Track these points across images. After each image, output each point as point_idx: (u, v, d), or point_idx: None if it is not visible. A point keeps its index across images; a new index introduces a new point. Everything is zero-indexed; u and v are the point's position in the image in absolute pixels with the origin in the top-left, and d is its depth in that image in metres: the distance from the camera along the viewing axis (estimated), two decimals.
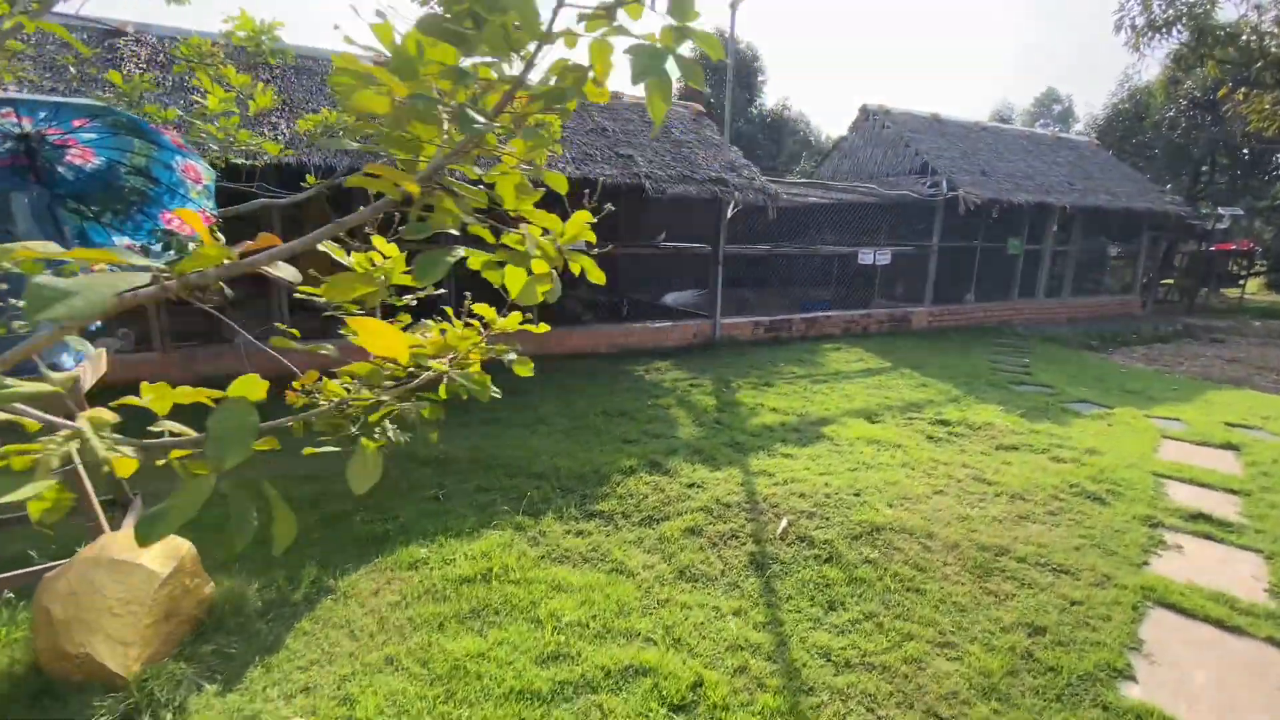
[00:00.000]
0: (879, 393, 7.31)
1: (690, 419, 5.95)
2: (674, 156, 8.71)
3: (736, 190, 8.57)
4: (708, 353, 9.20)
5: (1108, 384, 8.40)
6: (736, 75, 22.43)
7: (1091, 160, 15.27)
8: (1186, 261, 18.34)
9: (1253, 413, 7.25)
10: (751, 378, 7.75)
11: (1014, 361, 9.60)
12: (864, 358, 9.35)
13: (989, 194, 11.48)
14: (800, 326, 10.72)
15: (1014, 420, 6.36)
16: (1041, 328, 13.03)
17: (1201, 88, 18.16)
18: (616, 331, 8.75)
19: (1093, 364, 9.94)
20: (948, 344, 10.90)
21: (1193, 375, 10.01)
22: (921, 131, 12.98)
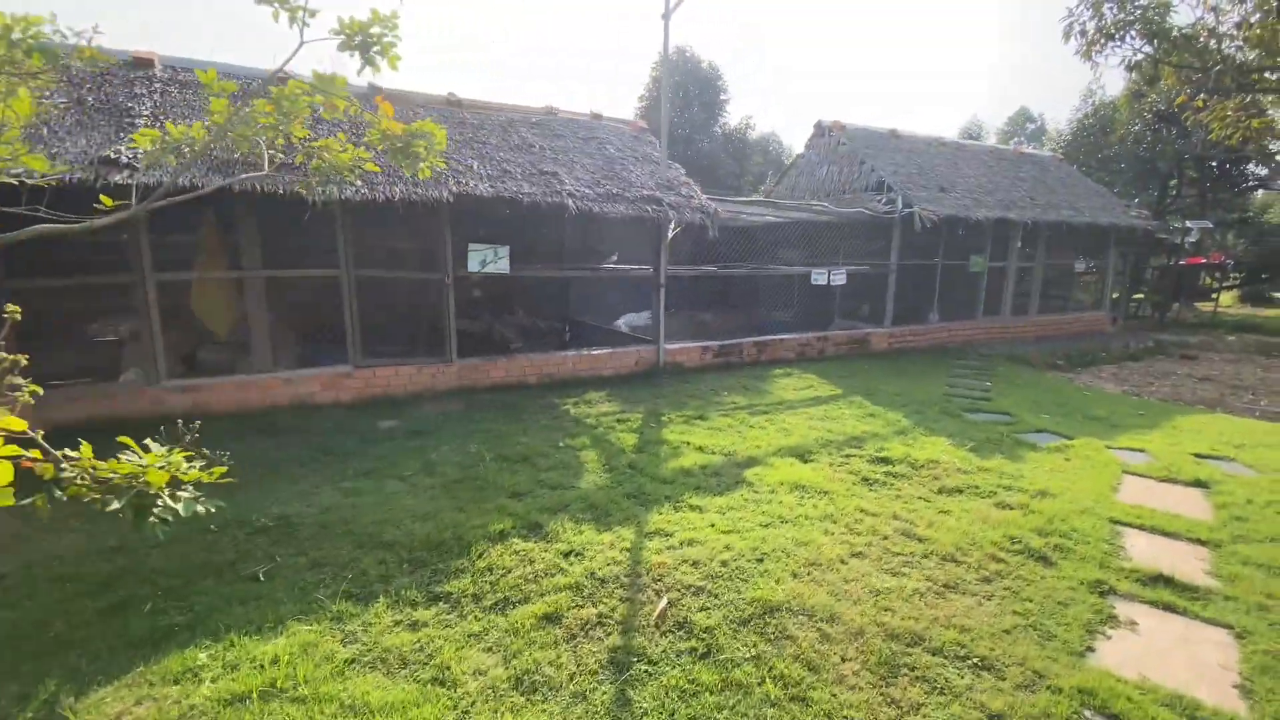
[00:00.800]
0: (821, 425, 6.71)
1: (601, 463, 5.30)
2: (605, 174, 8.16)
3: (673, 209, 8.03)
4: (649, 381, 8.59)
5: (1070, 409, 7.87)
6: (700, 94, 22.20)
7: (1055, 175, 14.98)
8: (1157, 276, 18.08)
9: (1224, 440, 6.73)
10: (687, 409, 7.13)
11: (973, 385, 9.07)
12: (814, 384, 8.77)
13: (946, 210, 11.05)
14: (751, 351, 10.15)
15: (962, 456, 5.77)
16: (1008, 347, 12.56)
17: (1165, 101, 18.06)
18: (548, 361, 8.11)
19: (1057, 387, 9.43)
20: (907, 367, 10.37)
21: (1162, 398, 9.52)
22: (878, 148, 12.59)
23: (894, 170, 11.92)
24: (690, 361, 9.44)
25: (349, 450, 5.55)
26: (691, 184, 8.94)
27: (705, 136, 21.73)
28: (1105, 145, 20.33)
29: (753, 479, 5.00)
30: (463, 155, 7.48)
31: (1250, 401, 9.49)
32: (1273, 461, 6.02)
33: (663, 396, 7.79)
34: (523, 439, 5.85)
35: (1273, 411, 8.85)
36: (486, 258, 7.55)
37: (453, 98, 8.72)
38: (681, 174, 9.14)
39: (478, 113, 8.68)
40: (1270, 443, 6.70)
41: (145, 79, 6.75)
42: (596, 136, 9.12)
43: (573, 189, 7.48)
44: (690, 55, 21.61)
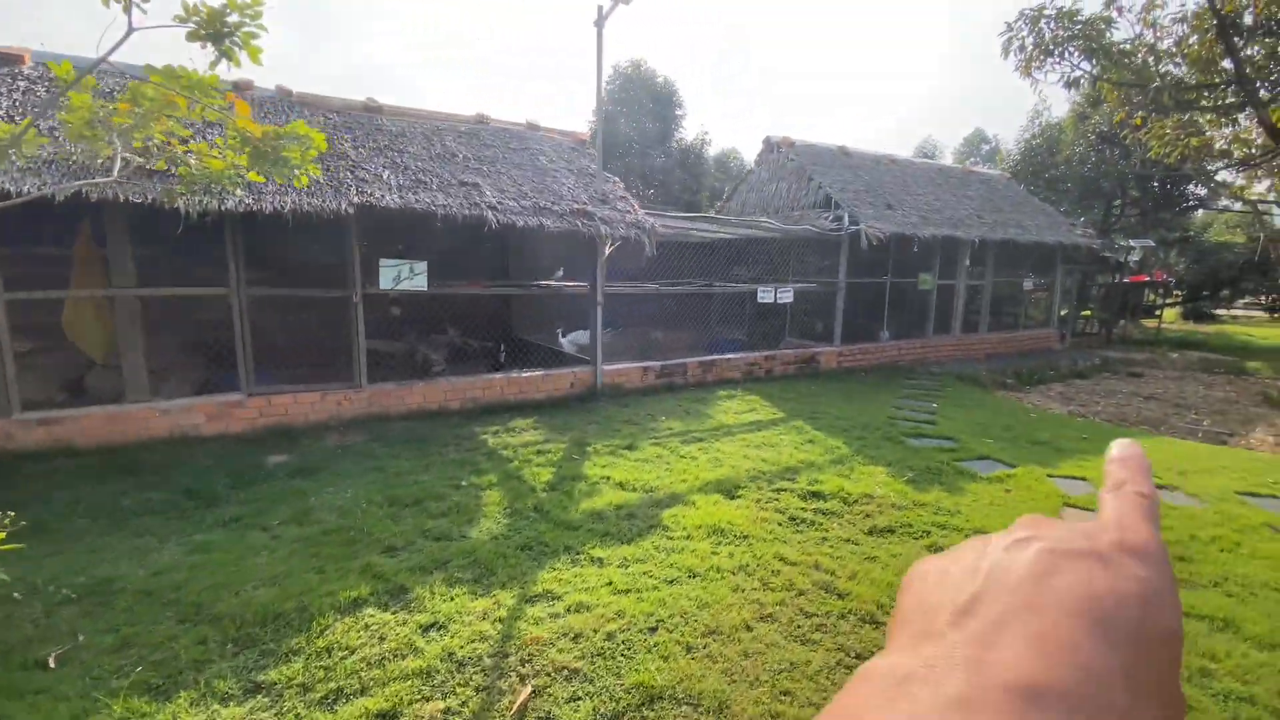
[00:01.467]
0: (756, 454, 6.30)
1: (503, 506, 4.77)
2: (534, 186, 7.70)
3: (605, 224, 7.60)
4: (584, 405, 8.10)
5: (1015, 433, 7.63)
6: (654, 109, 21.99)
7: (1003, 194, 15.07)
8: (1103, 293, 18.37)
9: (1168, 467, 6.52)
10: (618, 437, 6.66)
11: (920, 407, 8.80)
12: (757, 407, 8.40)
13: (893, 228, 10.88)
14: (696, 371, 9.75)
15: (900, 489, 5.41)
16: (958, 365, 12.44)
17: (1108, 122, 18.48)
18: (472, 384, 7.56)
19: (1004, 408, 9.23)
20: (855, 387, 10.09)
21: (1107, 418, 9.41)
22: (826, 164, 12.42)
23: (841, 187, 11.75)
24: (631, 383, 8.98)
25: (217, 494, 4.91)
26: (629, 199, 8.54)
27: (660, 151, 21.49)
28: (1052, 165, 20.73)
29: (669, 522, 4.54)
30: (374, 164, 6.93)
31: (1193, 421, 9.44)
32: (1215, 489, 5.81)
33: (595, 422, 7.31)
34: (423, 477, 5.29)
35: (1215, 433, 8.78)
36: (401, 274, 7.00)
37: (372, 103, 8.18)
38: (619, 188, 8.74)
39: (399, 119, 8.15)
40: (1212, 468, 6.53)
41: (8, 76, 6.07)
42: (529, 147, 8.68)
43: (495, 201, 6.99)
44: (646, 68, 21.41)
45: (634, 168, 22.26)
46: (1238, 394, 11.50)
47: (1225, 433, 8.79)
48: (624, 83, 21.14)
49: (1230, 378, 13.34)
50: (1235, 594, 3.74)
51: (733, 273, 13.93)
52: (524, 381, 7.92)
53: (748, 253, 12.56)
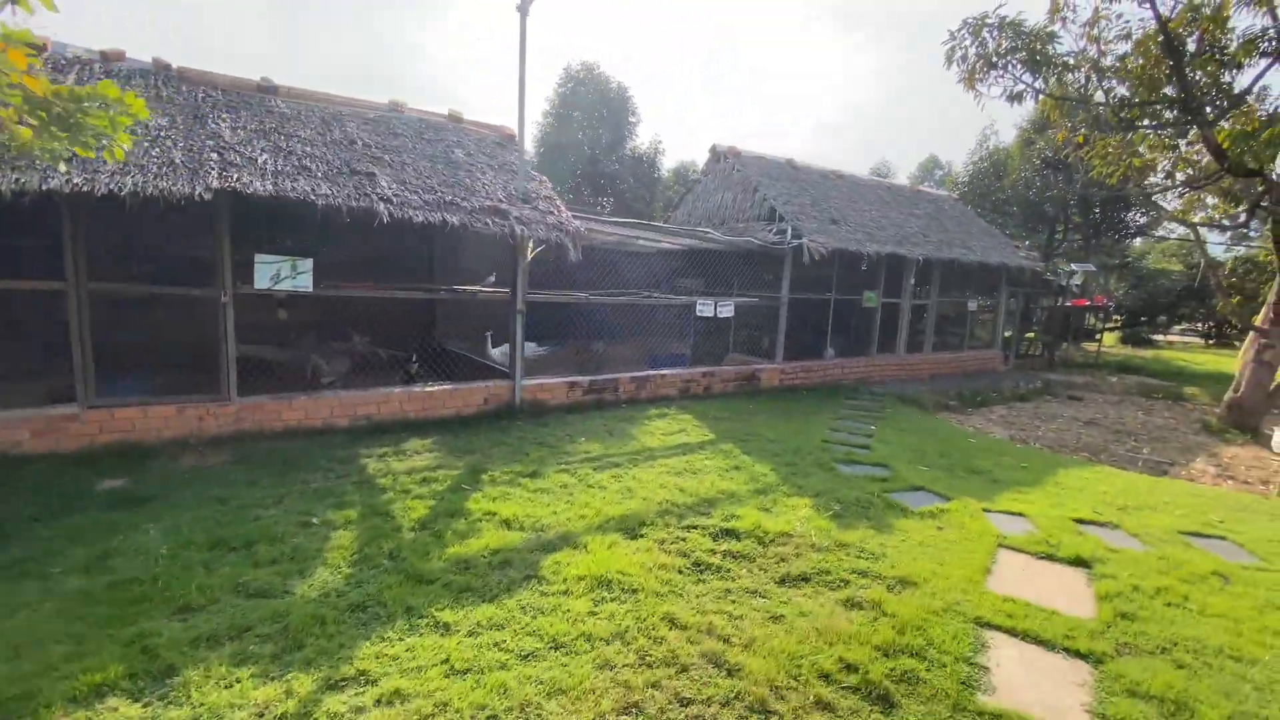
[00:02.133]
0: (675, 482, 5.68)
1: (353, 550, 4.01)
2: (442, 180, 6.99)
3: (522, 224, 6.93)
4: (497, 424, 7.37)
5: (953, 460, 7.21)
6: (607, 116, 21.48)
7: (950, 214, 14.99)
8: (1046, 316, 18.53)
9: (1108, 502, 6.16)
10: (522, 462, 5.95)
11: (857, 430, 8.35)
12: (688, 428, 7.80)
13: (836, 243, 10.51)
14: (629, 387, 9.12)
15: (823, 525, 4.85)
16: (901, 385, 12.13)
17: (1053, 147, 18.78)
18: (366, 400, 6.75)
19: (943, 432, 8.86)
20: (794, 407, 9.61)
21: (1047, 444, 9.13)
22: (772, 176, 12.03)
23: (787, 200, 11.35)
24: (555, 399, 8.29)
25: (8, 531, 4.02)
26: (555, 199, 7.90)
27: (613, 159, 20.95)
28: (998, 189, 20.98)
29: (549, 571, 3.85)
30: (252, 147, 6.12)
31: (1132, 449, 9.24)
32: (1157, 528, 5.43)
33: (504, 444, 6.59)
34: (268, 511, 4.48)
35: (1155, 462, 8.56)
36: (281, 272, 6.18)
37: (266, 83, 7.36)
38: (545, 187, 8.09)
39: (296, 102, 7.34)
40: (1153, 503, 6.19)
41: None
42: (446, 139, 7.96)
43: (391, 193, 6.25)
44: (599, 74, 20.88)
45: (588, 175, 21.67)
46: (1176, 420, 11.46)
47: (1165, 462, 8.58)
48: (575, 86, 20.57)
49: (1169, 403, 13.40)
50: (1187, 664, 3.25)
51: (680, 284, 13.44)
52: (427, 397, 7.15)
53: (695, 264, 12.06)
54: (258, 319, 7.97)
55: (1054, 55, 6.85)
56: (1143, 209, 18.63)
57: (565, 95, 20.61)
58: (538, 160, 20.77)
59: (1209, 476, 8.12)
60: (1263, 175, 6.91)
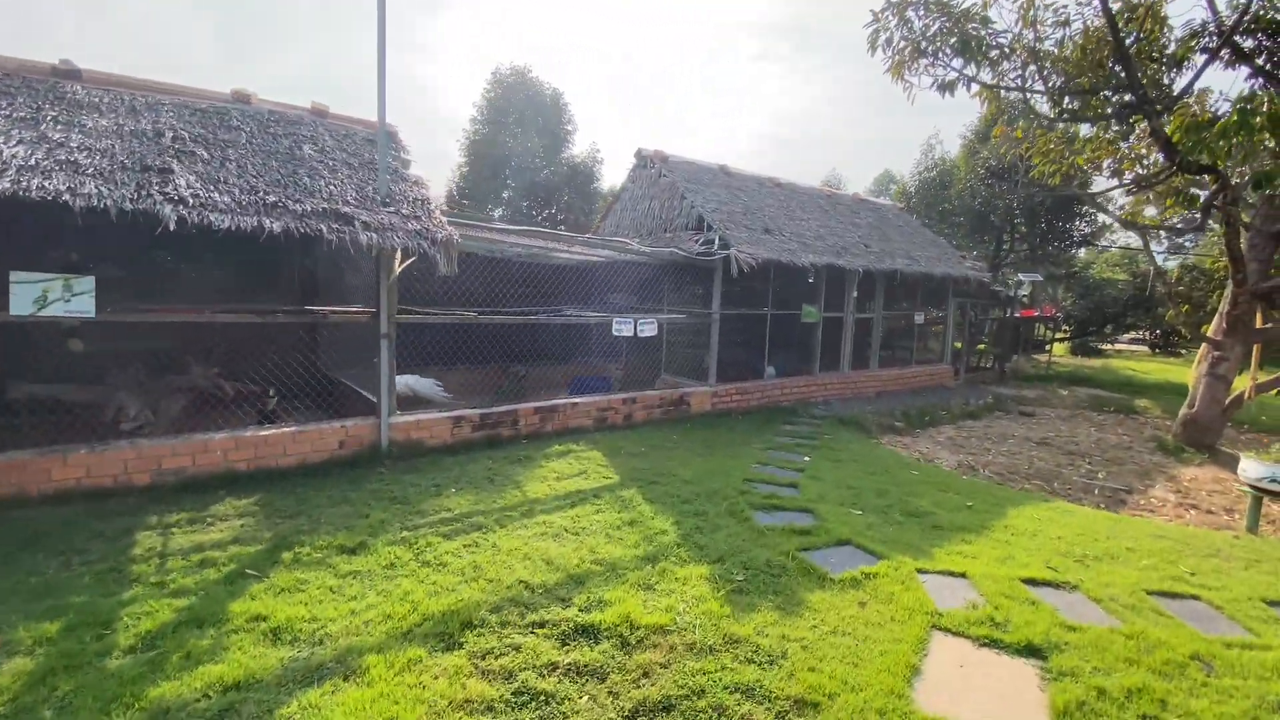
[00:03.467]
0: (545, 550, 4.54)
1: (9, 694, 2.76)
2: (273, 179, 5.79)
3: (370, 231, 5.76)
4: (351, 473, 6.13)
5: (890, 499, 6.24)
6: (540, 122, 20.44)
7: (893, 223, 14.32)
8: (996, 328, 18.06)
9: (1064, 549, 5.24)
10: (353, 530, 4.75)
11: (789, 462, 7.35)
12: (590, 469, 6.68)
13: (768, 254, 9.61)
14: (532, 420, 7.96)
15: (714, 610, 3.76)
16: (846, 405, 11.26)
17: (996, 156, 18.46)
18: (176, 448, 5.45)
19: (884, 462, 7.92)
20: (722, 436, 8.58)
21: (998, 471, 8.28)
22: (701, 182, 11.12)
23: (716, 207, 10.43)
24: (436, 438, 7.08)
25: None
26: (428, 203, 6.75)
27: (546, 167, 19.87)
28: (945, 199, 20.60)
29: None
30: (8, 138, 4.83)
31: (1088, 474, 8.46)
32: (1121, 587, 4.51)
33: (346, 502, 5.37)
34: None
35: (1112, 489, 7.77)
36: (49, 294, 4.88)
37: (66, 66, 6.07)
38: (420, 190, 6.94)
39: (104, 89, 6.06)
40: (1115, 551, 5.29)
41: None
42: (297, 134, 6.76)
43: (190, 193, 5.02)
44: (533, 78, 19.82)
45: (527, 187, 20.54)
46: (1130, 437, 10.82)
47: (1123, 489, 7.80)
48: (505, 91, 19.47)
49: (1121, 417, 12.84)
50: None
51: (611, 299, 12.40)
52: (262, 443, 5.88)
53: (622, 278, 11.04)
54: (65, 350, 6.60)
55: (986, 38, 6.03)
56: (1087, 218, 18.44)
57: (495, 101, 19.49)
58: (467, 170, 19.60)
59: (1170, 506, 7.35)
60: (1216, 172, 6.22)
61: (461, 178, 19.68)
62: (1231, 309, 8.60)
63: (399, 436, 6.74)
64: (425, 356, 10.64)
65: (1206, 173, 6.36)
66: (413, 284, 9.94)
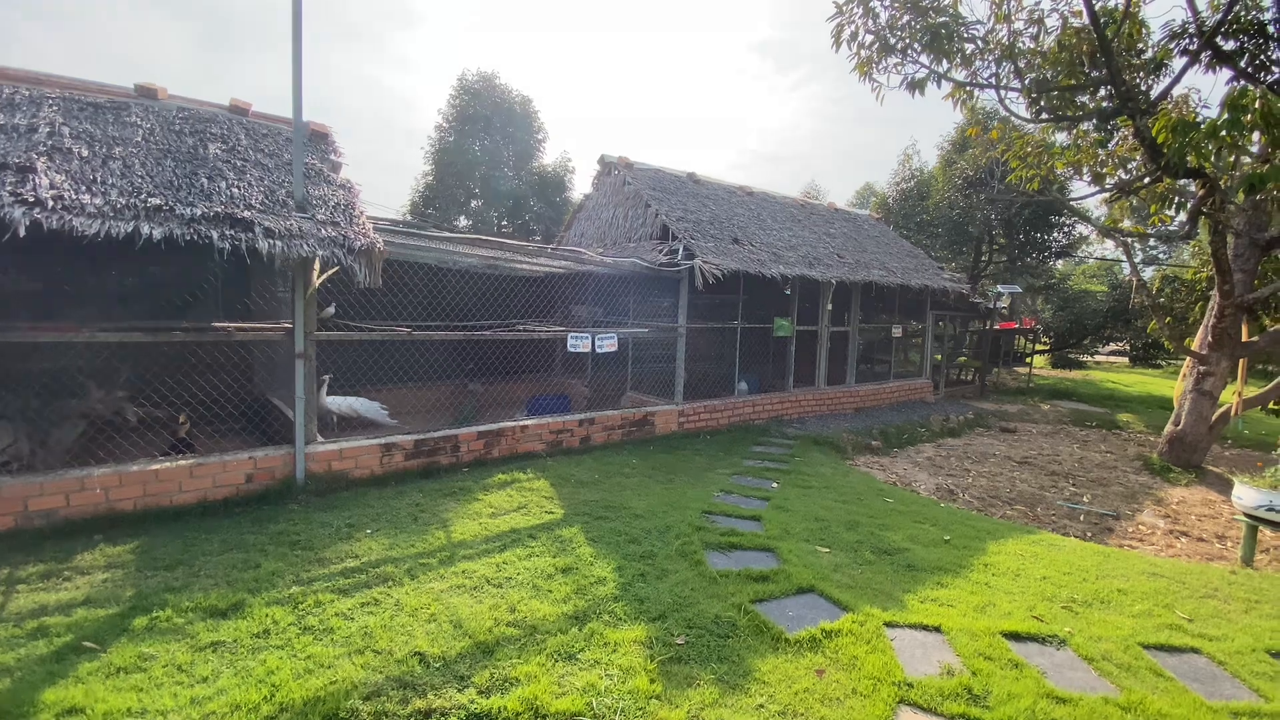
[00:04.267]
0: (456, 608, 3.90)
1: None
2: (162, 180, 5.15)
3: (273, 238, 5.12)
4: (258, 511, 5.45)
5: (862, 533, 5.68)
6: (507, 128, 19.90)
7: (869, 234, 13.91)
8: (976, 340, 17.71)
9: (1049, 592, 4.69)
10: (230, 587, 4.07)
11: (754, 490, 6.77)
12: (532, 502, 6.05)
13: (735, 264, 9.08)
14: (475, 445, 7.31)
15: (640, 686, 3.15)
16: (822, 422, 10.72)
17: (974, 167, 18.21)
18: (43, 488, 4.75)
19: (858, 488, 7.36)
20: (686, 460, 7.99)
21: (978, 496, 7.76)
22: (667, 190, 10.60)
23: (682, 216, 9.90)
24: (363, 468, 6.41)
25: None
26: (353, 208, 6.13)
27: (513, 174, 19.28)
28: (923, 210, 20.31)
29: None
30: None
31: (1073, 497, 7.97)
32: (1114, 640, 3.96)
33: (239, 548, 4.69)
34: None
35: (1099, 515, 7.27)
36: None
37: None
38: (346, 195, 6.32)
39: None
40: (1105, 593, 4.75)
41: None
42: (206, 132, 6.12)
43: (55, 194, 4.37)
44: (501, 85, 19.25)
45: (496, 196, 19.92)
46: (1114, 455, 10.38)
47: (1110, 515, 7.31)
48: (472, 98, 18.90)
49: (1103, 433, 12.44)
50: None
51: (573, 312, 11.82)
52: (151, 478, 5.18)
53: (587, 291, 10.46)
54: None
55: (958, 31, 5.56)
56: (1064, 228, 18.22)
57: (462, 108, 18.90)
58: (433, 179, 18.97)
59: (1160, 533, 6.86)
60: (1204, 175, 5.80)
61: (426, 187, 19.04)
62: (1217, 321, 8.20)
63: (319, 468, 6.06)
64: (373, 375, 9.99)
65: (1194, 177, 5.93)
66: (374, 296, 9.32)
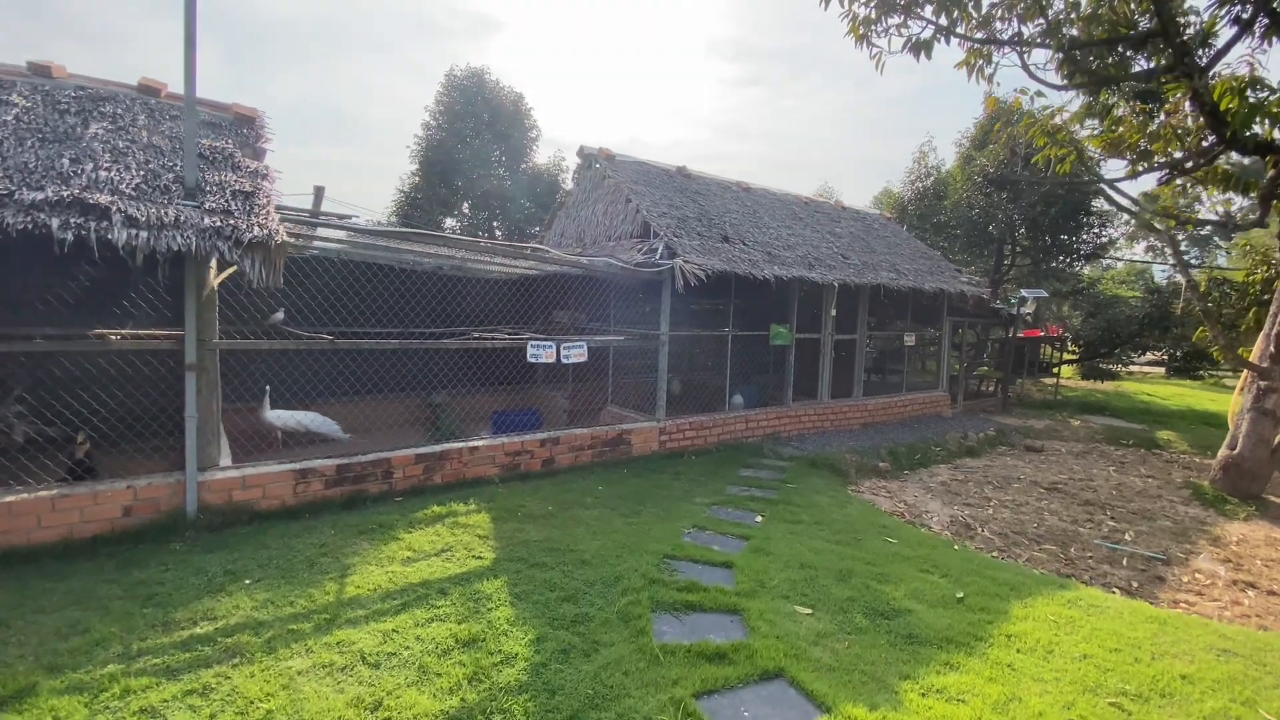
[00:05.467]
0: (305, 701, 2.97)
1: None
2: (15, 164, 4.33)
3: (139, 229, 4.26)
4: (134, 550, 4.59)
5: (854, 587, 4.63)
6: (495, 124, 19.08)
7: (879, 234, 12.83)
8: (998, 349, 16.47)
9: (1092, 679, 3.62)
10: (42, 657, 3.20)
11: (734, 525, 5.76)
12: (458, 544, 5.10)
13: (722, 265, 8.09)
14: (412, 471, 6.39)
15: None
16: (824, 440, 9.66)
17: (994, 163, 17.02)
18: None
19: (857, 523, 6.31)
20: (663, 485, 7.00)
21: (998, 535, 6.67)
22: (651, 184, 9.66)
23: (665, 211, 8.96)
24: (273, 499, 5.52)
25: None
26: (256, 199, 5.26)
27: (505, 174, 18.47)
28: (940, 210, 19.12)
29: None
30: None
31: (1112, 534, 6.83)
32: None
33: (81, 603, 3.83)
34: None
35: (1145, 561, 6.13)
36: None
37: None
38: (260, 184, 5.46)
39: None
40: (1166, 681, 3.66)
41: None
42: (95, 111, 5.32)
43: None
44: (491, 81, 18.49)
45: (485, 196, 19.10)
46: (1157, 480, 9.18)
47: (1159, 557, 6.17)
48: (460, 94, 18.16)
49: (1142, 453, 11.19)
50: None
51: (554, 318, 10.93)
52: (4, 512, 4.34)
53: (569, 295, 9.54)
54: None
55: None
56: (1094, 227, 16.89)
57: (449, 106, 18.17)
58: (420, 180, 18.24)
59: (1222, 584, 5.71)
60: (1277, 150, 4.72)
61: (413, 189, 18.31)
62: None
63: (216, 499, 5.19)
64: (335, 387, 9.14)
65: (1265, 153, 4.84)
66: (343, 301, 8.53)
